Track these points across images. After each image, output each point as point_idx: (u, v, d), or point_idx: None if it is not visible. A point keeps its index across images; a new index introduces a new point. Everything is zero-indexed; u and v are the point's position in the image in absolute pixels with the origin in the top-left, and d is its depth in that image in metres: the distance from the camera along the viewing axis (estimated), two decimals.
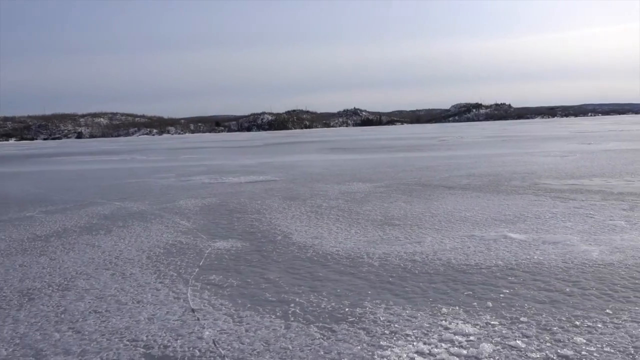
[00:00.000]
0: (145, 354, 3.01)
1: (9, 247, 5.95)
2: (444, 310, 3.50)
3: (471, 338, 3.05)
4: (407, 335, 3.12)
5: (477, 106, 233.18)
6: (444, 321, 3.30)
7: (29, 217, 8.08)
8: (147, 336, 3.26)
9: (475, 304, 3.59)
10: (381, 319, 3.39)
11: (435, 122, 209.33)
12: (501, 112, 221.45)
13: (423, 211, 7.20)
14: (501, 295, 3.75)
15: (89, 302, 3.93)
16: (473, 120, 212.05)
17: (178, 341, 3.17)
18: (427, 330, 3.18)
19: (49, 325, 3.50)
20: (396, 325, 3.27)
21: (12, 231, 6.92)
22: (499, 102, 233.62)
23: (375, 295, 3.85)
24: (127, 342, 3.18)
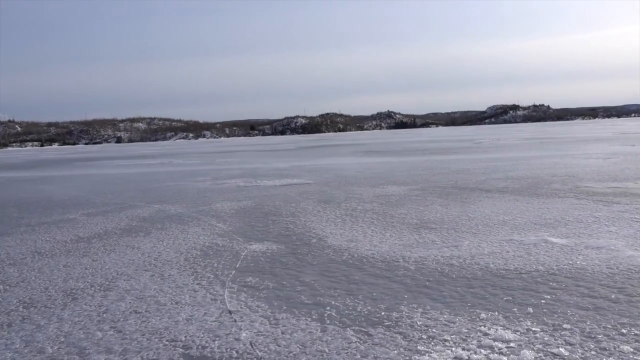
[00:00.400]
0: (184, 354, 3.06)
1: (53, 249, 6.15)
2: (483, 315, 3.43)
3: (512, 344, 2.97)
4: (445, 340, 3.07)
5: (515, 107, 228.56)
6: (483, 327, 3.24)
7: (72, 219, 8.34)
8: (185, 336, 3.31)
9: (515, 309, 3.51)
10: (418, 323, 3.35)
11: (471, 124, 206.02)
12: (540, 114, 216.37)
13: (459, 214, 7.09)
14: (542, 301, 3.65)
15: (130, 303, 4.02)
16: (510, 122, 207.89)
17: (216, 342, 3.20)
18: (466, 336, 3.12)
19: (92, 325, 3.60)
20: (434, 330, 3.22)
21: (56, 233, 7.15)
22: (537, 104, 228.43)
23: (411, 299, 3.80)
24: (167, 342, 3.23)
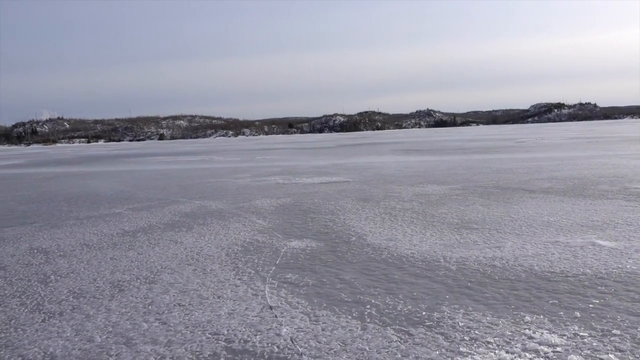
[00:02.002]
0: (227, 348, 3.12)
1: (100, 242, 6.36)
2: (528, 318, 3.35)
3: (558, 349, 2.90)
4: (488, 342, 3.02)
5: (559, 106, 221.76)
6: (527, 330, 3.17)
7: (117, 213, 8.60)
8: (227, 330, 3.37)
9: (561, 313, 3.41)
10: (460, 324, 3.31)
11: (513, 123, 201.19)
12: (586, 112, 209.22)
13: (502, 215, 6.94)
14: (590, 305, 3.54)
15: (174, 296, 4.12)
16: (554, 120, 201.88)
17: (257, 337, 3.25)
18: (510, 339, 3.06)
19: (138, 316, 3.70)
20: (476, 332, 3.17)
21: (103, 226, 7.40)
22: (583, 102, 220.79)
23: (453, 300, 3.76)
24: (209, 335, 3.30)
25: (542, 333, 3.11)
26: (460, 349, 2.95)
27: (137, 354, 3.08)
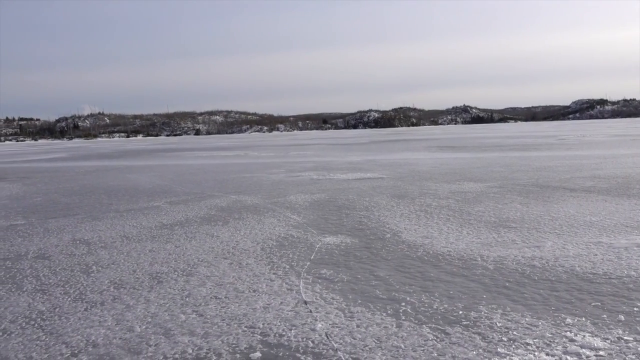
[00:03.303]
0: (262, 341, 3.14)
1: (140, 234, 6.51)
2: (569, 320, 3.26)
3: (601, 353, 2.81)
4: (527, 344, 2.95)
5: (602, 102, 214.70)
6: (568, 332, 3.08)
7: (156, 206, 8.79)
8: (263, 324, 3.40)
9: (604, 316, 3.31)
10: (498, 324, 3.24)
11: (553, 119, 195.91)
12: (630, 109, 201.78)
13: (542, 214, 6.77)
14: (635, 309, 3.41)
15: (210, 288, 4.18)
16: (597, 117, 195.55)
17: (292, 331, 3.27)
18: (550, 341, 2.98)
19: (176, 307, 3.78)
20: (514, 333, 3.11)
21: (142, 219, 7.57)
22: (627, 98, 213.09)
23: (490, 300, 3.69)
24: (245, 329, 3.34)
25: (584, 336, 3.02)
26: (498, 349, 2.90)
27: (175, 344, 3.14)
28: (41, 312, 3.80)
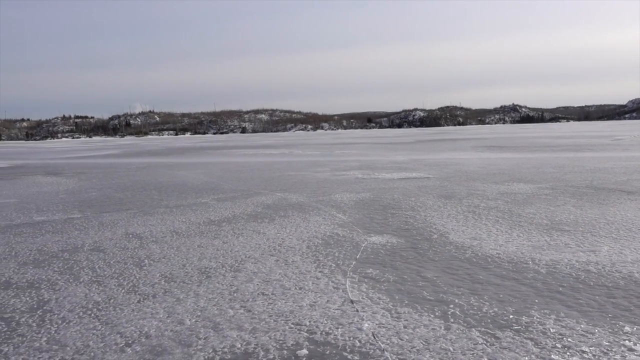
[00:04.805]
0: (309, 339, 3.16)
1: (189, 229, 6.67)
2: (627, 328, 3.13)
3: None
4: (583, 351, 2.85)
5: None
6: (627, 341, 2.95)
7: (204, 203, 8.98)
8: (309, 322, 3.42)
9: None
10: (551, 330, 3.14)
11: (608, 119, 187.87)
12: None
13: (597, 217, 6.51)
14: None
15: (257, 285, 4.24)
16: None
17: (339, 330, 3.27)
18: (607, 349, 2.86)
19: (224, 302, 3.85)
20: (569, 340, 3.00)
21: (191, 215, 7.75)
22: None
23: (543, 305, 3.58)
24: (292, 325, 3.37)
25: None
26: (552, 356, 2.81)
27: (224, 338, 3.20)
28: (97, 302, 3.96)
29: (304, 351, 3.00)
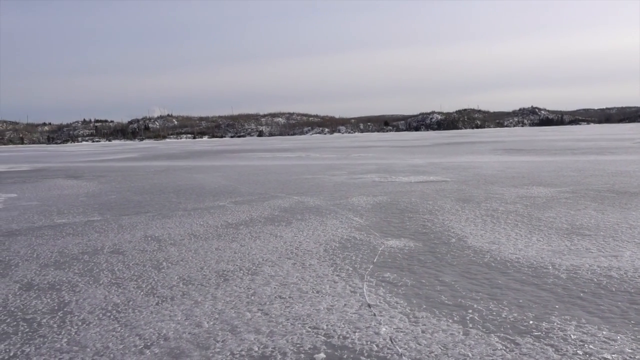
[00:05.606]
0: (326, 342, 3.16)
1: (206, 232, 6.72)
2: None
3: None
4: (605, 359, 2.79)
5: None
6: None
7: (221, 206, 9.04)
8: (327, 325, 3.41)
9: None
10: (572, 337, 3.09)
11: (629, 121, 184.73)
12: None
13: (619, 221, 6.40)
14: None
15: (274, 288, 4.25)
16: None
17: (356, 334, 3.26)
18: (630, 356, 2.81)
19: (242, 305, 3.86)
20: (591, 347, 2.95)
21: (209, 218, 7.81)
22: None
23: (563, 311, 3.52)
24: (309, 329, 3.36)
25: None
26: None
27: (241, 341, 3.21)
28: (116, 304, 4.00)
29: (321, 355, 2.99)
